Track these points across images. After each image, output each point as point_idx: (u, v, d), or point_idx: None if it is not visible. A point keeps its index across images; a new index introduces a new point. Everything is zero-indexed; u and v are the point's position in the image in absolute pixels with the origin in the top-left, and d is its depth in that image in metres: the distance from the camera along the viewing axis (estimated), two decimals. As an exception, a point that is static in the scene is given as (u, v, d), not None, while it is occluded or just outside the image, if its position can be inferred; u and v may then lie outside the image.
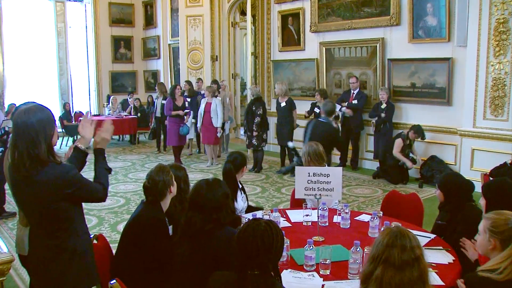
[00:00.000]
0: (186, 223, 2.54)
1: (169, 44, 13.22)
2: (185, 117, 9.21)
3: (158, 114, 10.27)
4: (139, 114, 12.10)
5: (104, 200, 2.51)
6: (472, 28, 6.66)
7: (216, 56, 11.79)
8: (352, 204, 6.38)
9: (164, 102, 9.58)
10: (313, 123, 6.42)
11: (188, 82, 10.27)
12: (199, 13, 11.49)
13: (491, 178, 4.83)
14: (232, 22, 11.98)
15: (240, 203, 3.79)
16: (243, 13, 12.04)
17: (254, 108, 8.15)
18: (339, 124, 7.40)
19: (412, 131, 7.20)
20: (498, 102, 6.51)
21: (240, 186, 3.98)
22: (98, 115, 12.61)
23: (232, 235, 2.27)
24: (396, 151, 7.22)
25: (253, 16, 11.12)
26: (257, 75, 11.00)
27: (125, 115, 11.89)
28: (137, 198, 6.80)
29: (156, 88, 10.77)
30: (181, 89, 9.29)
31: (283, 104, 8.21)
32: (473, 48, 6.68)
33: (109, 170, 2.59)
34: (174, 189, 3.04)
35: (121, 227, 5.56)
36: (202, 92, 9.66)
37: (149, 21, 14.04)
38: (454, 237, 3.00)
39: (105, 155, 2.61)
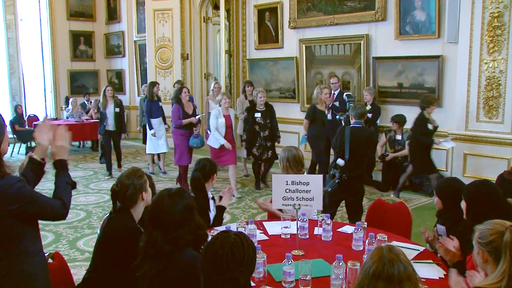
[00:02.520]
0: (146, 241, 2.46)
1: (135, 41, 13.12)
2: (198, 125, 8.11)
3: (111, 127, 8.88)
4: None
5: (63, 218, 2.44)
6: (464, 23, 6.75)
7: (187, 54, 11.75)
8: (336, 214, 6.38)
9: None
10: (348, 130, 5.74)
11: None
12: (167, 7, 11.44)
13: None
14: (204, 17, 11.96)
15: (211, 217, 3.76)
16: (216, 7, 11.99)
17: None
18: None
19: (392, 121, 7.44)
20: (492, 103, 6.61)
21: (211, 196, 3.93)
22: (56, 119, 12.38)
23: (192, 260, 2.25)
24: (378, 145, 7.49)
25: (227, 10, 11.11)
26: (232, 75, 10.98)
27: (86, 119, 11.69)
28: (100, 211, 6.70)
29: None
30: (188, 92, 8.29)
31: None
32: (465, 44, 6.78)
33: (73, 185, 2.53)
34: (147, 196, 2.98)
35: (81, 244, 5.46)
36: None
37: (112, 15, 13.91)
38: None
39: (68, 167, 2.53)
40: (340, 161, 5.11)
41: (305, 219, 3.44)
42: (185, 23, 11.65)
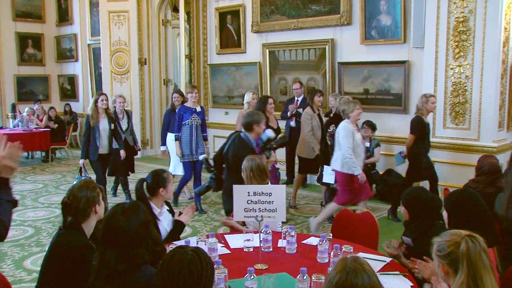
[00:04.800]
0: (99, 261, 2.39)
1: (88, 44, 12.92)
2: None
3: (104, 149, 7.17)
4: (56, 126, 11.65)
5: (2, 239, 2.36)
6: (430, 28, 6.94)
7: (145, 59, 11.65)
8: (301, 225, 6.43)
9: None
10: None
11: (179, 92, 8.18)
12: (123, 8, 11.33)
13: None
14: (163, 20, 11.92)
15: (164, 233, 3.71)
16: (176, 9, 11.98)
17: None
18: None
19: (366, 125, 7.46)
20: (459, 109, 6.80)
21: (167, 208, 3.88)
22: (1, 128, 12.02)
23: (150, 279, 2.20)
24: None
25: (187, 13, 11.10)
26: (192, 80, 10.94)
27: (35, 128, 11.40)
28: (50, 227, 6.53)
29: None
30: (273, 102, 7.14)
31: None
32: (431, 49, 6.96)
33: (14, 203, 2.44)
34: (100, 209, 2.92)
35: (28, 263, 5.30)
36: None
37: (64, 17, 13.67)
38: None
39: (10, 185, 2.44)
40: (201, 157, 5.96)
41: (268, 231, 3.43)
42: (142, 26, 11.56)
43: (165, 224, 3.79)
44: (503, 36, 6.43)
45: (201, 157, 6.63)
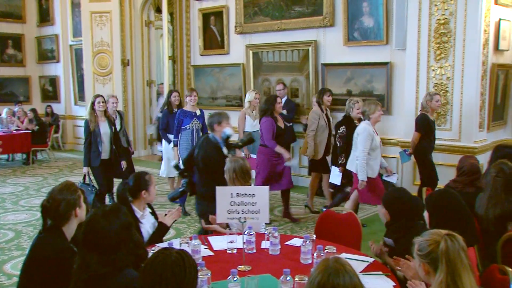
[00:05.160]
0: (79, 265, 2.37)
1: (70, 45, 12.80)
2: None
3: (106, 154, 6.75)
4: (36, 128, 11.51)
5: None
6: (411, 29, 7.01)
7: (128, 60, 11.59)
8: (285, 226, 6.44)
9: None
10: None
11: (178, 91, 8.03)
12: (106, 9, 11.25)
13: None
14: (146, 21, 11.87)
15: (146, 236, 3.69)
16: (159, 10, 11.94)
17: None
18: None
19: None
20: (440, 110, 6.86)
21: (150, 210, 3.87)
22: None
23: (132, 282, 2.19)
24: None
25: (171, 14, 11.07)
26: (176, 82, 10.90)
27: (16, 130, 11.26)
28: (31, 230, 6.46)
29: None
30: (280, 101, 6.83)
31: None
32: (413, 51, 7.03)
33: None
34: (81, 212, 2.90)
35: (8, 267, 5.25)
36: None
37: (45, 17, 13.51)
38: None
39: None
40: (172, 162, 5.72)
41: (251, 233, 3.44)
42: (125, 27, 11.49)
43: (147, 226, 3.78)
44: (483, 38, 6.52)
45: (172, 163, 6.28)
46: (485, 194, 4.07)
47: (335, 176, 6.52)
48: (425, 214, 3.14)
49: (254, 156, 6.90)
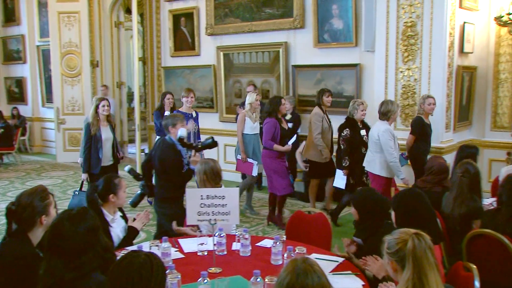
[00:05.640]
0: (45, 270, 2.32)
1: (37, 46, 12.57)
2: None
3: (107, 160, 6.53)
4: (2, 130, 11.25)
5: None
6: (380, 32, 7.11)
7: (97, 61, 11.45)
8: (256, 228, 6.46)
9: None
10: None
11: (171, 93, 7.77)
12: (74, 9, 11.08)
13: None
14: (115, 22, 11.75)
15: (116, 240, 3.66)
16: (129, 11, 11.83)
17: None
18: None
19: None
20: (408, 111, 6.99)
21: (121, 214, 3.83)
22: None
23: (100, 285, 2.17)
24: (298, 151, 7.21)
25: (141, 15, 10.98)
26: (146, 83, 10.82)
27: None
28: (-5, 236, 6.28)
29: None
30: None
31: None
32: (381, 53, 7.13)
33: None
34: (49, 220, 2.83)
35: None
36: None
37: (10, 17, 13.20)
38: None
39: None
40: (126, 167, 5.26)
41: (222, 235, 3.44)
42: (94, 28, 11.35)
43: (118, 230, 3.74)
44: (448, 41, 6.66)
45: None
46: (451, 193, 4.18)
47: (340, 180, 6.39)
48: (392, 214, 3.20)
49: (250, 160, 6.84)
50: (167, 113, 7.18)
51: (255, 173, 6.92)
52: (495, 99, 7.30)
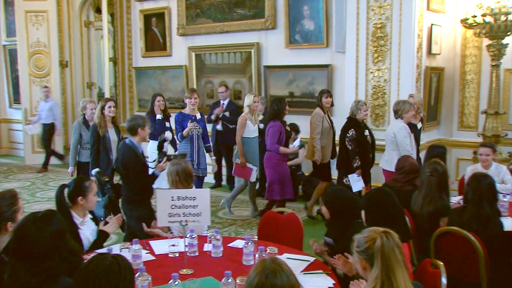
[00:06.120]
0: (9, 275, 2.27)
1: (3, 45, 12.28)
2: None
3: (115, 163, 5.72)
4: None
5: None
6: (350, 33, 7.19)
7: (66, 61, 11.26)
8: (229, 229, 6.46)
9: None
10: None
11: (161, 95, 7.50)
12: (42, 8, 10.87)
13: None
14: (85, 22, 11.58)
15: (86, 243, 3.62)
16: (99, 10, 11.68)
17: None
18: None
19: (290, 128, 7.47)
20: (378, 111, 7.09)
21: (91, 216, 3.78)
22: None
23: None
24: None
25: (111, 15, 10.85)
26: (117, 84, 10.70)
27: None
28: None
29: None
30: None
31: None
32: (352, 54, 7.21)
33: None
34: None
35: None
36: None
37: (-25, 16, 12.87)
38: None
39: None
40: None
41: (193, 236, 3.43)
42: (63, 27, 11.15)
43: (87, 233, 3.69)
44: (416, 42, 6.78)
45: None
46: (420, 192, 4.26)
47: (356, 183, 6.20)
48: (362, 212, 3.24)
49: (250, 165, 6.73)
50: (159, 116, 6.97)
51: (253, 178, 6.76)
52: (462, 100, 7.47)
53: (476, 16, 6.41)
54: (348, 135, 6.22)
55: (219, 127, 8.07)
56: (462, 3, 7.19)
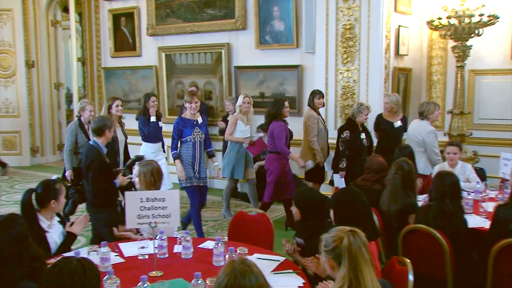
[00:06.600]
0: None
1: (-33, 45, 11.97)
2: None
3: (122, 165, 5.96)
4: None
5: None
6: (320, 34, 7.25)
7: (33, 61, 11.05)
8: (200, 230, 6.43)
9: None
10: None
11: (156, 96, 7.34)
12: (7, 7, 10.67)
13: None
14: (52, 21, 11.38)
15: (54, 246, 3.56)
16: (66, 10, 11.49)
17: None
18: None
19: (260, 129, 7.42)
20: (348, 111, 7.11)
21: (59, 219, 3.72)
22: None
23: None
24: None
25: (79, 14, 10.71)
26: (86, 84, 10.55)
27: None
28: None
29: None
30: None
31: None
32: (322, 55, 7.27)
33: None
34: None
35: None
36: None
37: None
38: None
39: None
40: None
41: (163, 237, 3.41)
42: (29, 26, 10.95)
43: (55, 236, 3.63)
44: (384, 44, 6.88)
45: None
46: (387, 190, 4.33)
47: (339, 183, 6.18)
48: (331, 212, 3.28)
49: (256, 135, 6.70)
50: (153, 118, 6.73)
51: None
52: (428, 100, 7.60)
53: (441, 18, 6.54)
54: (342, 136, 6.23)
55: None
56: (428, 6, 7.33)
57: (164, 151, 7.13)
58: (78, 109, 6.54)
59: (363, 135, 6.32)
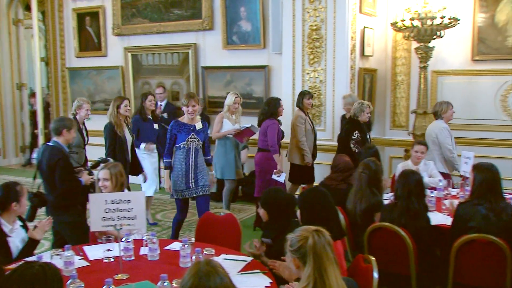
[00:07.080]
0: None
1: None
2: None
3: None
4: None
5: None
6: (287, 35, 7.32)
7: (-6, 61, 10.77)
8: (168, 231, 6.38)
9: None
10: None
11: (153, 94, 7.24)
12: (-35, 5, 10.36)
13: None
14: (13, 19, 11.12)
15: (15, 251, 3.47)
16: (28, 8, 11.21)
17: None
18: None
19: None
20: (315, 111, 7.23)
21: (21, 223, 3.63)
22: None
23: None
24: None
25: (42, 13, 10.47)
26: (50, 85, 10.34)
27: None
28: None
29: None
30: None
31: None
32: (289, 55, 7.34)
33: None
34: None
35: None
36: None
37: None
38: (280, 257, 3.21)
39: None
40: None
41: (129, 240, 3.37)
42: (-11, 25, 10.68)
43: (17, 241, 3.55)
44: (350, 44, 6.98)
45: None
46: (353, 189, 4.39)
47: None
48: (298, 212, 3.30)
49: (244, 125, 6.58)
50: (154, 123, 6.72)
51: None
52: (393, 100, 7.75)
53: (405, 20, 6.66)
54: (353, 137, 6.07)
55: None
56: (392, 7, 7.44)
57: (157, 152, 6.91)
58: (74, 108, 6.28)
59: (368, 135, 6.32)
